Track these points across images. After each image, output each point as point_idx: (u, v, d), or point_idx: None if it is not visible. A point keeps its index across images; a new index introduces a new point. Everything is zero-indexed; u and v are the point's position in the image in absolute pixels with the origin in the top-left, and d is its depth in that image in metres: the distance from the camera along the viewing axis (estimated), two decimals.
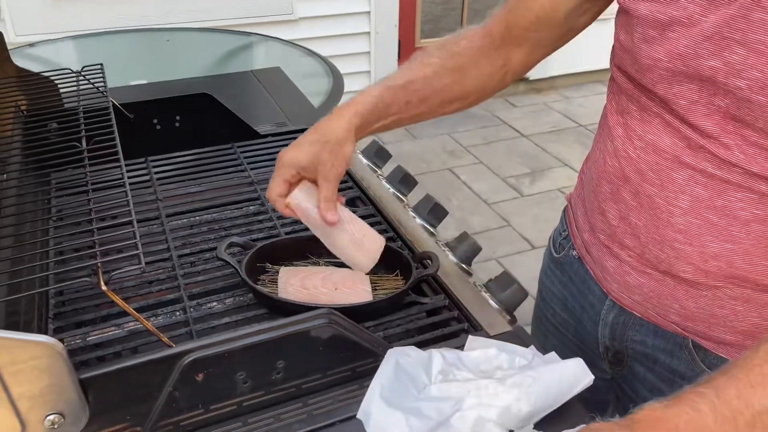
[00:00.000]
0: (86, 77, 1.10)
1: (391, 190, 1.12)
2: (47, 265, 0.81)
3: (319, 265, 0.89)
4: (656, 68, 0.69)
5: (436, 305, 0.84)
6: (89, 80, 1.10)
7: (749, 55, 0.61)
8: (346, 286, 0.81)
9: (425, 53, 0.86)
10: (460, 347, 0.74)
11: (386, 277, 0.87)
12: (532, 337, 0.97)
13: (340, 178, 0.79)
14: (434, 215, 1.05)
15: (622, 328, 0.85)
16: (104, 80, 1.10)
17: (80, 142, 0.90)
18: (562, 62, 4.32)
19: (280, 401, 0.69)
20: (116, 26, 2.90)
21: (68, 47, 2.26)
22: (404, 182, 1.14)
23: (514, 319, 0.85)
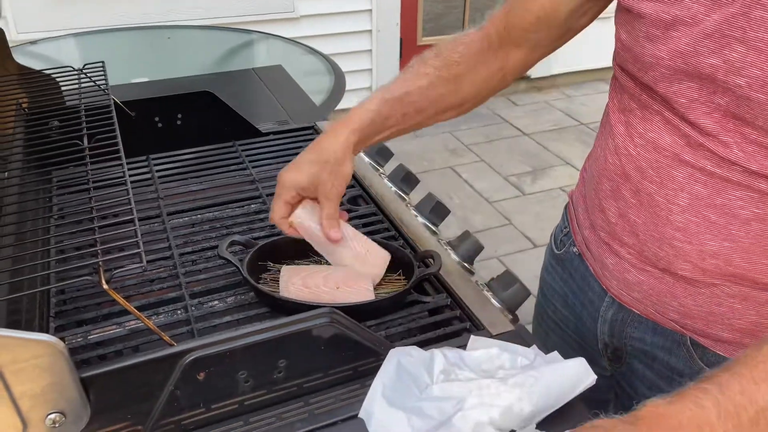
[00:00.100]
0: (88, 75, 1.10)
1: (392, 188, 1.12)
2: (48, 263, 0.82)
3: (320, 263, 0.89)
4: (658, 66, 0.69)
5: (438, 304, 0.84)
6: (91, 78, 1.10)
7: (749, 52, 0.61)
8: (347, 285, 0.81)
9: (421, 61, 0.87)
10: (461, 346, 0.74)
11: (388, 276, 0.87)
12: (533, 334, 0.97)
13: (341, 196, 0.82)
14: (436, 214, 1.05)
15: (621, 325, 0.85)
16: (106, 78, 1.10)
17: (82, 140, 0.90)
18: (563, 61, 4.32)
19: (281, 400, 0.69)
20: (118, 24, 2.90)
21: (70, 45, 2.26)
22: (406, 181, 1.14)
23: (516, 318, 0.85)
